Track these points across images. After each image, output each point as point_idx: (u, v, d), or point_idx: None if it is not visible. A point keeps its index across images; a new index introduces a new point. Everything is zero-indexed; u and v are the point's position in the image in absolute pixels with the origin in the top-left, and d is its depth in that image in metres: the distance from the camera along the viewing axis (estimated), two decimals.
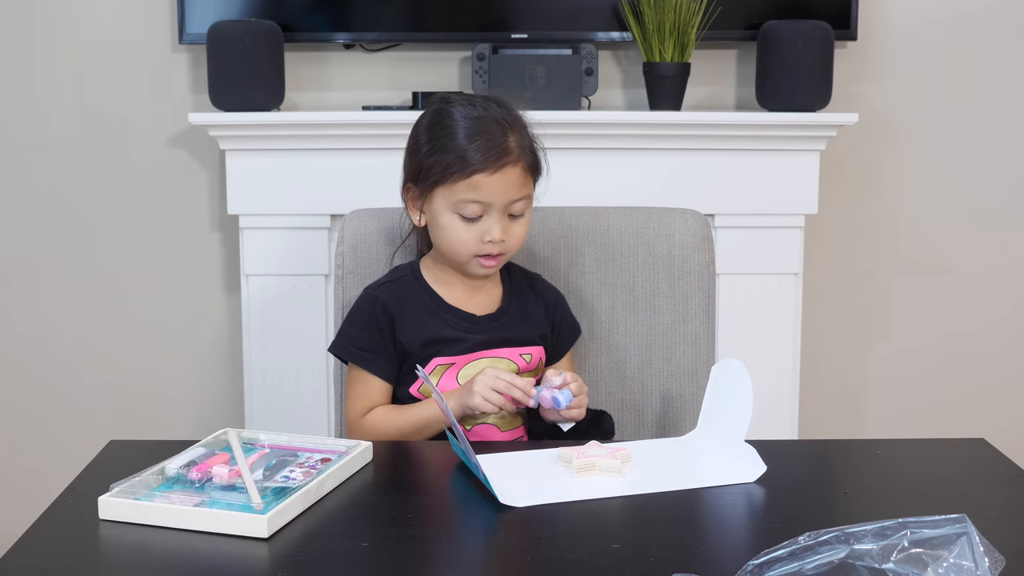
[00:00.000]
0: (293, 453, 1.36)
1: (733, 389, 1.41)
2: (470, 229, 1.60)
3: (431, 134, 1.63)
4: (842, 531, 0.95)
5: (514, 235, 1.63)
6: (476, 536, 1.23)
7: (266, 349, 2.48)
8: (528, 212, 1.65)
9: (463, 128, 1.59)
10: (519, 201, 1.61)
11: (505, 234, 1.61)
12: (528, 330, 1.69)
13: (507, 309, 1.69)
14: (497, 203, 1.59)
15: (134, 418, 2.71)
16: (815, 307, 2.70)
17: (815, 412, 2.75)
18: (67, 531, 1.20)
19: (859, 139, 2.65)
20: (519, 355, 1.67)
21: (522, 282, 1.74)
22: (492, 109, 1.62)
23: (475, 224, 1.60)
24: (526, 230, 1.66)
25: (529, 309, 1.71)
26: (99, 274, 2.67)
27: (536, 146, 1.65)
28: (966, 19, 2.64)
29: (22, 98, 2.61)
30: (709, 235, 1.84)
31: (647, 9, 2.42)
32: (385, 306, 1.65)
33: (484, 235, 1.60)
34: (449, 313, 1.66)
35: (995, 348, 2.77)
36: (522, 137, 1.62)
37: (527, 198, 1.63)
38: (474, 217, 1.60)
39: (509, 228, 1.62)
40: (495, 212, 1.60)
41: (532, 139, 1.65)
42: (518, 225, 1.63)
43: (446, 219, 1.61)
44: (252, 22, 2.38)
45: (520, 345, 1.67)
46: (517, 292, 1.72)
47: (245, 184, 2.44)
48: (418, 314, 1.65)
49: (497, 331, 1.66)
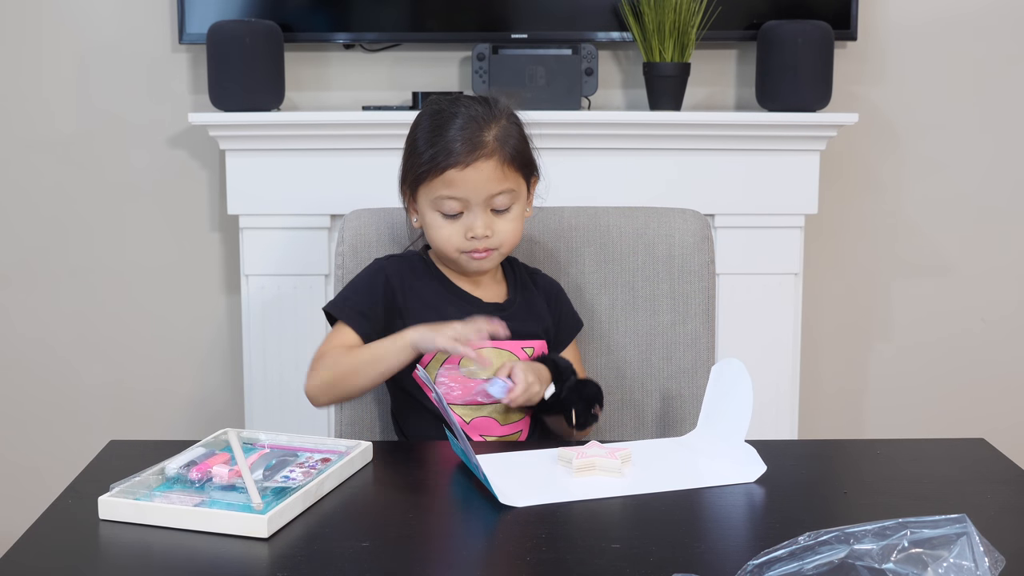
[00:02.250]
0: (293, 453, 1.36)
1: (733, 389, 1.41)
2: (453, 225, 1.60)
3: (416, 135, 1.64)
4: (842, 531, 0.95)
5: (502, 230, 1.62)
6: (476, 536, 1.23)
7: (266, 349, 2.48)
8: (517, 207, 1.64)
9: (438, 126, 1.60)
10: (500, 195, 1.60)
11: (489, 229, 1.60)
12: (532, 324, 1.69)
13: (514, 301, 1.70)
14: (475, 198, 1.59)
15: (134, 418, 2.71)
16: (815, 307, 2.70)
17: (815, 412, 2.75)
18: (67, 531, 1.20)
19: (859, 139, 2.65)
20: (521, 348, 1.66)
21: (524, 276, 1.75)
22: (472, 107, 1.61)
23: (458, 220, 1.60)
24: (518, 226, 1.64)
25: (533, 303, 1.72)
26: (99, 274, 2.67)
27: (525, 142, 1.64)
28: (966, 19, 2.64)
29: (22, 98, 2.61)
30: (709, 235, 1.84)
31: (647, 9, 2.42)
32: (389, 276, 1.65)
33: (467, 231, 1.60)
34: (457, 296, 1.67)
35: (995, 348, 2.77)
36: (503, 132, 1.61)
37: (508, 192, 1.61)
38: (454, 213, 1.60)
39: (494, 223, 1.61)
40: (475, 207, 1.59)
41: (519, 135, 1.63)
42: (505, 220, 1.62)
43: (430, 217, 1.62)
44: (252, 22, 2.38)
45: (523, 338, 1.66)
46: (521, 286, 1.73)
47: (245, 184, 2.44)
48: (424, 291, 1.66)
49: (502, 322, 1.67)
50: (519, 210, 1.64)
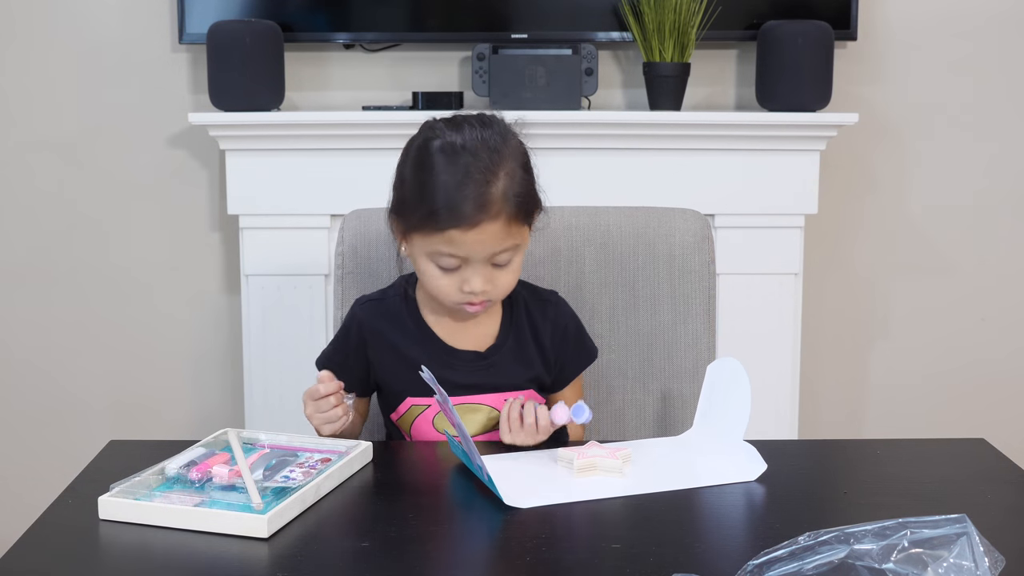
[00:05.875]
0: (293, 453, 1.36)
1: (730, 388, 1.41)
2: (449, 277, 1.48)
3: (413, 173, 1.48)
4: (842, 531, 0.95)
5: (500, 284, 1.49)
6: (476, 536, 1.23)
7: (266, 349, 2.48)
8: (518, 258, 1.51)
9: (441, 177, 1.44)
10: (503, 252, 1.47)
11: (488, 283, 1.48)
12: (517, 373, 1.57)
13: (500, 347, 1.57)
14: (476, 257, 1.46)
15: (134, 418, 2.71)
16: (815, 307, 2.70)
17: (815, 412, 2.75)
18: (67, 531, 1.20)
19: (859, 139, 2.65)
20: (503, 400, 1.51)
21: (525, 310, 1.61)
22: (478, 151, 1.45)
23: (455, 273, 1.47)
24: (516, 276, 1.52)
25: (524, 347, 1.58)
26: (99, 274, 2.67)
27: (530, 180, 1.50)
28: (966, 19, 2.64)
29: (23, 98, 2.61)
30: (709, 235, 1.84)
31: (647, 9, 2.42)
32: (361, 325, 1.58)
33: (464, 285, 1.47)
34: (432, 345, 1.55)
35: (995, 348, 2.77)
36: (509, 181, 1.45)
37: (512, 248, 1.48)
38: (452, 268, 1.47)
39: (494, 277, 1.48)
40: (475, 264, 1.46)
41: (523, 176, 1.48)
42: (504, 273, 1.49)
43: (424, 265, 1.49)
44: (252, 22, 2.38)
45: (506, 390, 1.55)
46: (517, 323, 1.59)
47: (245, 184, 2.44)
48: (397, 339, 1.56)
49: (481, 373, 1.55)
50: (520, 259, 1.52)
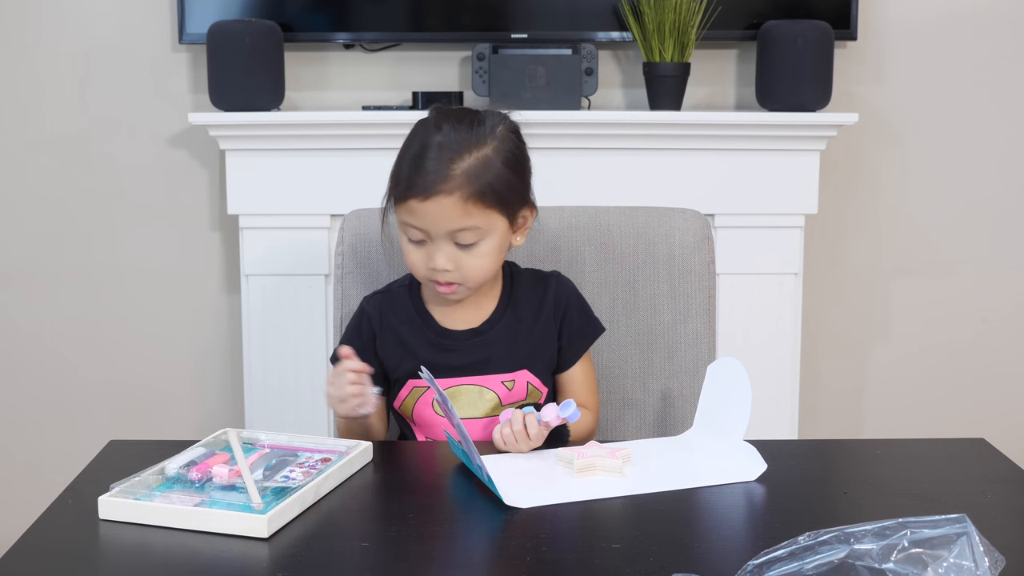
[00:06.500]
0: (293, 453, 1.36)
1: (731, 388, 1.41)
2: (418, 252, 1.52)
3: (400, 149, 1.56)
4: (842, 531, 0.95)
5: (468, 266, 1.51)
6: (476, 536, 1.23)
7: (266, 349, 2.48)
8: (487, 243, 1.51)
9: (412, 150, 1.51)
10: (463, 231, 1.49)
11: (452, 263, 1.50)
12: (512, 352, 1.59)
13: (494, 323, 1.59)
14: (435, 231, 1.49)
15: (134, 418, 2.71)
16: (815, 307, 2.70)
17: (815, 412, 2.75)
18: (67, 531, 1.20)
19: (859, 139, 2.65)
20: (500, 383, 1.57)
21: (525, 288, 1.63)
22: (455, 131, 1.50)
23: (422, 248, 1.52)
24: (488, 262, 1.53)
25: (523, 322, 1.60)
26: (99, 273, 2.67)
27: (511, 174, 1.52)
28: (966, 19, 2.64)
29: (23, 97, 2.61)
30: (709, 235, 1.84)
31: (647, 9, 2.42)
32: (370, 318, 1.62)
33: (428, 260, 1.51)
34: (430, 329, 1.59)
35: (995, 348, 2.77)
36: (478, 164, 1.48)
37: (472, 229, 1.49)
38: (418, 240, 1.52)
39: (459, 258, 1.50)
40: (437, 240, 1.50)
41: (500, 167, 1.50)
42: (472, 256, 1.51)
43: (401, 237, 1.55)
44: (252, 22, 2.38)
45: (501, 372, 1.58)
46: (515, 301, 1.61)
47: (245, 184, 2.44)
48: (401, 329, 1.60)
49: (477, 351, 1.58)
50: (490, 246, 1.52)
